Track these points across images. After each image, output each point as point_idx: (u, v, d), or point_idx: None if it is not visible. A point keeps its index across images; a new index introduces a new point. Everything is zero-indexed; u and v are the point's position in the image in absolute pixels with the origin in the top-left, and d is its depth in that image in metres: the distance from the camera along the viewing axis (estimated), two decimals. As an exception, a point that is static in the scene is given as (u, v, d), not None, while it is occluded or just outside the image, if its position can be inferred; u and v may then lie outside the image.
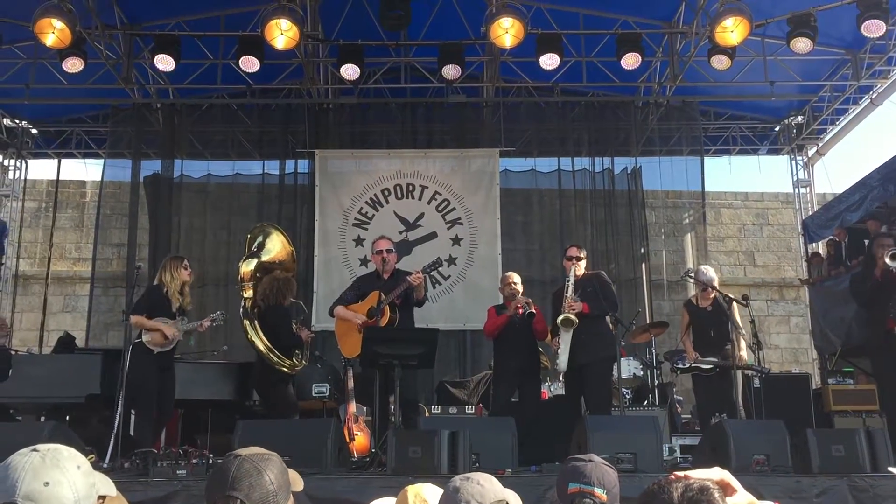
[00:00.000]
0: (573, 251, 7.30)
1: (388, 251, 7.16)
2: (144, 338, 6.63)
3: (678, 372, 8.14)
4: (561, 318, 6.87)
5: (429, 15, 9.95)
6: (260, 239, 8.16)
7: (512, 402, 7.35)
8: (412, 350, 6.37)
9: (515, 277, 7.50)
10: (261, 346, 7.35)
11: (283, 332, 7.36)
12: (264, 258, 7.98)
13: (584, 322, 6.85)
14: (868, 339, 8.09)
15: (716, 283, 7.50)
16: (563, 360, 6.94)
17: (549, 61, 9.59)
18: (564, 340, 6.89)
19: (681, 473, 1.75)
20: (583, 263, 7.25)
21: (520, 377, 7.25)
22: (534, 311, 7.14)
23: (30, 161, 12.95)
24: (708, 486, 1.64)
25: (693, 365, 7.38)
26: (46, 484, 1.53)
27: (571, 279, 7.01)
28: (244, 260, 8.01)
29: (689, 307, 7.83)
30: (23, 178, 12.84)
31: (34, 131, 12.64)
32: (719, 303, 7.29)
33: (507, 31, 8.65)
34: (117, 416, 6.16)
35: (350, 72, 9.90)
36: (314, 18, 9.89)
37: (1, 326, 8.47)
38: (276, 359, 7.28)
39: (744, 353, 7.16)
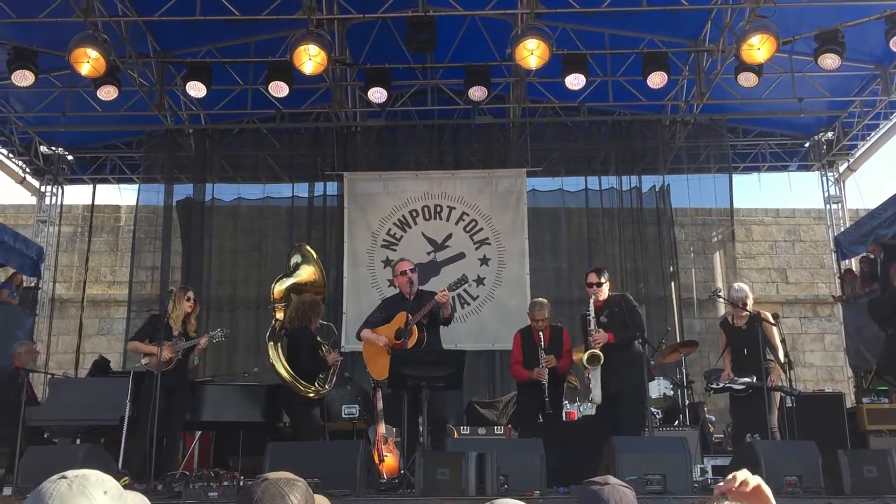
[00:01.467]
0: (592, 277, 7.17)
1: (412, 271, 7.22)
2: (143, 362, 6.78)
3: (711, 392, 8.05)
4: (586, 356, 6.84)
5: (455, 37, 10.03)
6: (297, 259, 8.22)
7: (539, 423, 7.32)
8: (440, 372, 6.40)
9: (545, 312, 7.33)
10: (281, 371, 7.38)
11: (306, 356, 7.35)
12: (296, 280, 8.04)
13: (613, 349, 6.81)
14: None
15: (749, 301, 7.41)
16: (596, 394, 6.95)
17: (575, 81, 9.61)
18: (594, 376, 6.88)
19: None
20: (605, 287, 7.14)
21: (543, 405, 7.16)
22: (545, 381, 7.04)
23: (66, 187, 13.21)
24: None
25: (726, 385, 7.31)
26: None
27: (592, 312, 6.95)
28: (278, 279, 8.08)
29: (724, 326, 7.76)
30: (59, 203, 13.11)
31: (70, 158, 12.89)
32: (754, 321, 7.21)
33: (532, 53, 8.70)
34: (122, 441, 6.31)
35: (377, 95, 10.01)
36: (342, 43, 10.02)
37: (28, 351, 8.61)
38: (300, 386, 7.27)
39: (775, 377, 7.05)
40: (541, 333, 7.23)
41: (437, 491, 5.12)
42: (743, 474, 1.89)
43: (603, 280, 7.14)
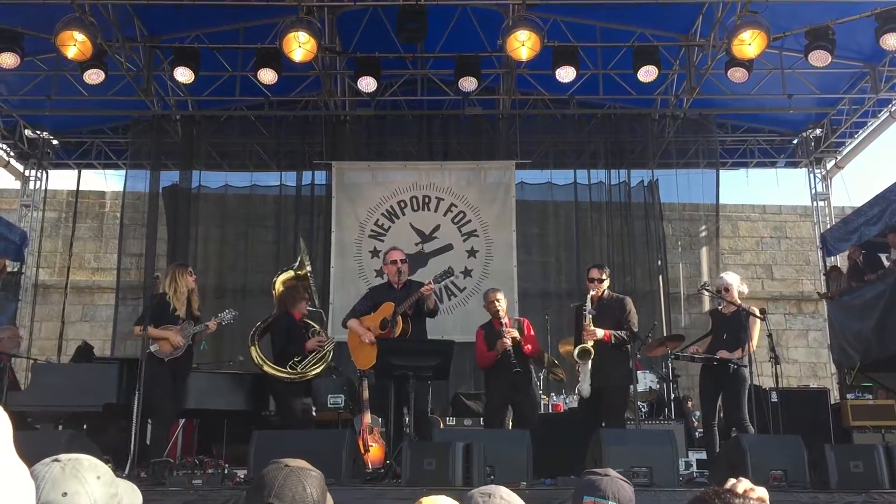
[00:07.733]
0: (594, 273, 7.16)
1: (403, 261, 7.18)
2: (152, 347, 6.68)
3: (675, 357, 7.97)
4: (577, 350, 6.86)
5: (446, 27, 9.97)
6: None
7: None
8: (427, 362, 6.36)
9: (497, 295, 7.35)
10: (265, 368, 7.34)
11: (276, 339, 7.35)
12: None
13: (603, 345, 6.82)
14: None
15: (733, 289, 7.37)
16: (585, 388, 6.94)
17: (565, 74, 9.59)
18: (584, 370, 6.89)
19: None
20: (605, 284, 7.14)
21: (512, 393, 7.13)
22: (510, 348, 7.01)
23: (50, 172, 13.09)
24: None
25: (692, 356, 7.31)
26: (64, 494, 1.55)
27: (589, 306, 6.94)
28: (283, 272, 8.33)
29: (712, 313, 7.81)
30: (43, 188, 12.99)
31: (55, 142, 12.77)
32: (740, 311, 7.23)
33: (523, 44, 8.67)
34: (134, 427, 6.22)
35: (367, 84, 9.96)
36: (332, 31, 9.95)
37: (11, 336, 8.50)
38: (279, 373, 7.23)
39: (724, 352, 7.02)
40: (499, 316, 7.20)
41: (424, 481, 5.10)
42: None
43: (604, 276, 7.14)
